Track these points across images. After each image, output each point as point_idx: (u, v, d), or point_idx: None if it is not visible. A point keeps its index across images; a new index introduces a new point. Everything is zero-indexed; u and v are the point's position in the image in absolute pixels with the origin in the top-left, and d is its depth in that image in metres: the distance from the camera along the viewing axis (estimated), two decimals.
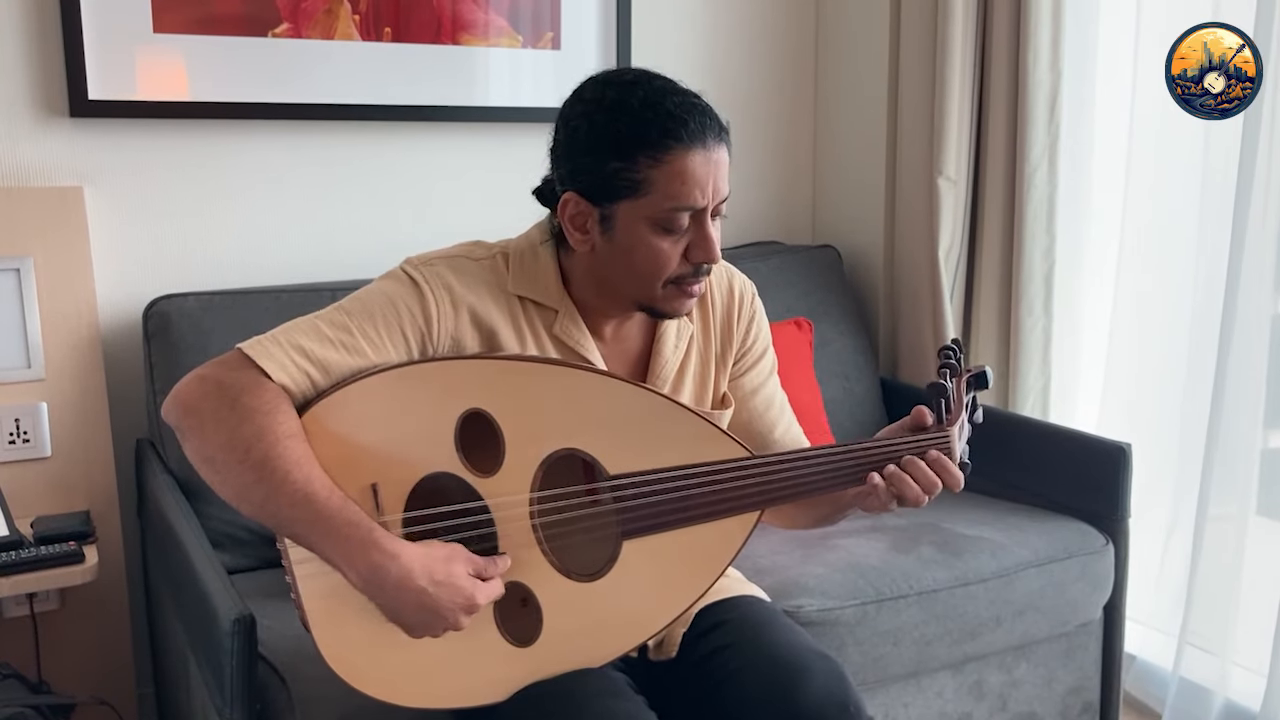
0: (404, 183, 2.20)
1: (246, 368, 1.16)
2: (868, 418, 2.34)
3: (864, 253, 2.52)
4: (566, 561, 1.24)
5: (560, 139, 1.25)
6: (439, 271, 1.26)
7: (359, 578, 1.12)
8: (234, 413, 1.13)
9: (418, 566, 1.12)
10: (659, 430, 1.24)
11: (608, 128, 1.19)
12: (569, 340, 1.30)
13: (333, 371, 1.18)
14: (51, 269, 1.87)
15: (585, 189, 1.22)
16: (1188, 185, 2.02)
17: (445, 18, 2.15)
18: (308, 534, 1.12)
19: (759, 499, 1.26)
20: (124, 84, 1.93)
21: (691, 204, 1.20)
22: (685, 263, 1.23)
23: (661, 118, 1.18)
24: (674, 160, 1.18)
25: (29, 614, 1.85)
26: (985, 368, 1.33)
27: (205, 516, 1.80)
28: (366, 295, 1.25)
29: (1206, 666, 1.98)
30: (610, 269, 1.25)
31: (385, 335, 1.21)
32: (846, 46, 2.52)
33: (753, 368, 1.44)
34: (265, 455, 1.11)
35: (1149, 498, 2.07)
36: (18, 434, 1.87)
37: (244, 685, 1.30)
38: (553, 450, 1.22)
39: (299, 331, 1.20)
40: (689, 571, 1.27)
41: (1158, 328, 2.13)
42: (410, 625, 1.14)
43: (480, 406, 1.20)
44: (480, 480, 1.21)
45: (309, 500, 1.11)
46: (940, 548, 1.86)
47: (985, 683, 1.91)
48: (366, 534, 1.11)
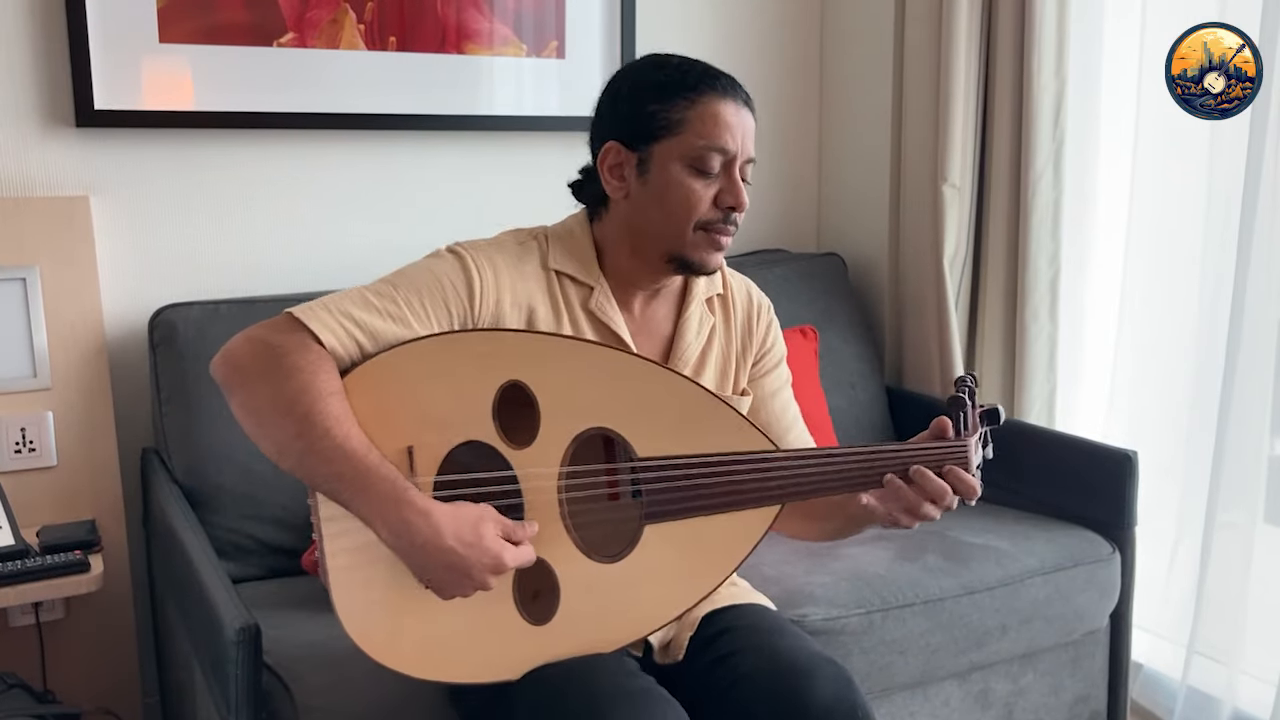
0: (409, 191, 2.20)
1: (295, 330, 1.20)
2: (873, 425, 2.33)
3: (869, 260, 2.52)
4: (589, 540, 1.26)
5: (604, 100, 1.36)
6: (484, 251, 1.32)
7: (390, 533, 1.14)
8: (280, 370, 1.17)
9: (448, 526, 1.14)
10: (690, 417, 1.27)
11: (649, 78, 1.32)
12: (602, 315, 1.35)
13: (379, 339, 1.22)
14: (57, 278, 1.87)
15: (625, 135, 1.31)
16: (1194, 191, 2.01)
17: (450, 27, 2.16)
18: (343, 489, 1.15)
19: (781, 493, 1.28)
20: (130, 94, 1.93)
21: (722, 145, 1.29)
22: (715, 209, 1.31)
23: (699, 70, 1.32)
24: (708, 103, 1.29)
25: (34, 623, 1.85)
26: (998, 406, 1.34)
27: (210, 526, 1.80)
28: (411, 270, 1.30)
29: (1215, 675, 1.97)
30: (645, 214, 1.32)
31: (429, 308, 1.25)
32: (851, 54, 2.52)
33: (770, 372, 1.50)
34: (307, 411, 1.15)
35: (1156, 506, 2.06)
36: (23, 443, 1.87)
37: (249, 694, 1.30)
38: (586, 428, 1.25)
39: (347, 300, 1.24)
40: (706, 562, 1.29)
41: (1164, 334, 2.12)
42: (438, 584, 1.17)
43: (520, 379, 1.24)
44: (513, 452, 1.24)
45: (346, 456, 1.15)
46: (946, 556, 1.85)
47: (991, 692, 1.90)
48: (400, 491, 1.15)
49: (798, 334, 2.24)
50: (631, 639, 1.29)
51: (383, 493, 1.14)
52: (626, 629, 1.28)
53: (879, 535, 1.93)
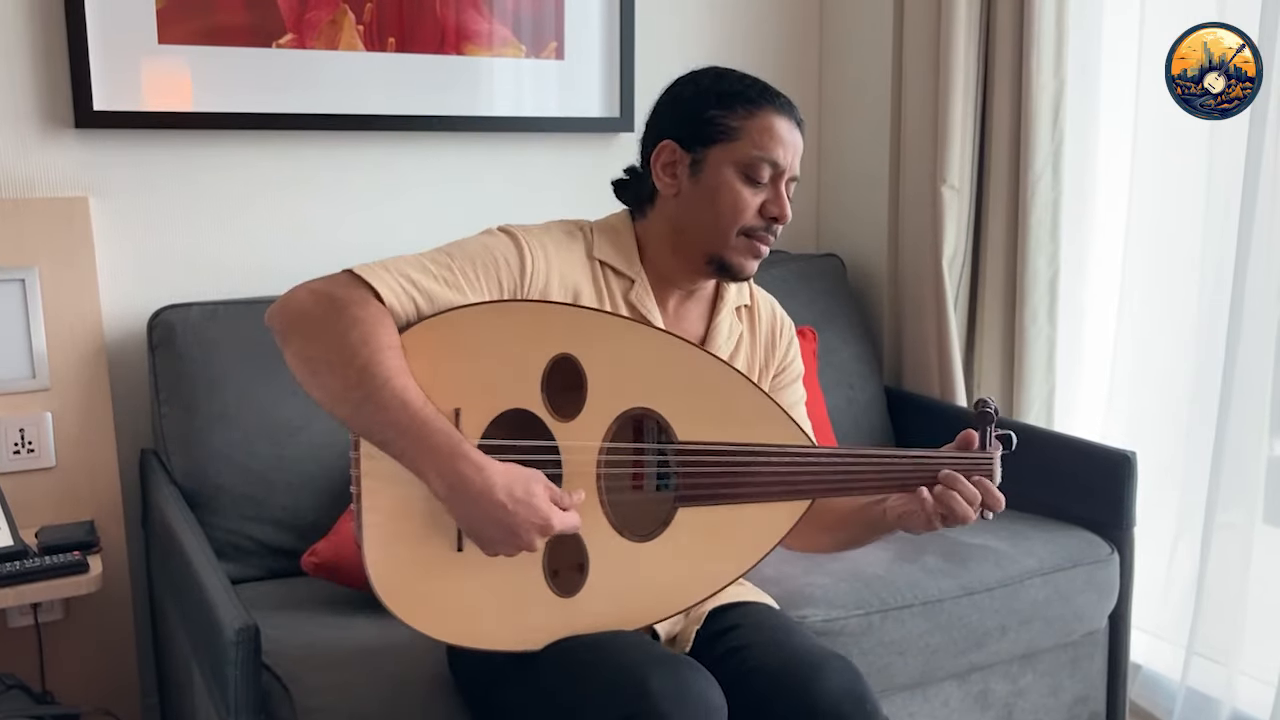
0: (407, 192, 2.20)
1: (357, 285, 1.23)
2: (872, 426, 2.33)
3: (868, 261, 2.52)
4: (622, 518, 1.28)
5: (664, 101, 1.41)
6: (534, 233, 1.36)
7: (444, 485, 1.16)
8: (342, 320, 1.19)
9: (500, 481, 1.16)
10: (732, 405, 1.30)
11: (713, 85, 1.37)
12: (641, 308, 1.39)
13: (436, 302, 1.25)
14: (56, 279, 1.87)
15: (682, 135, 1.36)
16: (1193, 192, 2.02)
17: (449, 28, 2.16)
18: (399, 438, 1.18)
19: (813, 487, 1.32)
20: (129, 95, 1.94)
21: (774, 157, 1.34)
22: (759, 217, 1.37)
23: (760, 86, 1.37)
24: (765, 116, 1.35)
25: (33, 624, 1.85)
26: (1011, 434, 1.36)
27: (209, 526, 1.80)
28: (466, 242, 1.33)
29: (1214, 676, 1.97)
30: (692, 213, 1.36)
31: (483, 279, 1.29)
32: (850, 55, 2.53)
33: (787, 388, 1.54)
34: (368, 360, 1.17)
35: (1154, 506, 2.06)
36: (23, 444, 1.87)
37: (248, 695, 1.31)
38: (630, 407, 1.28)
39: (405, 263, 1.27)
40: (733, 550, 1.32)
41: (1163, 335, 2.12)
42: (486, 539, 1.19)
43: (572, 352, 1.26)
44: (557, 423, 1.26)
45: (405, 405, 1.17)
46: (945, 557, 1.85)
47: (991, 692, 1.90)
48: (457, 444, 1.17)
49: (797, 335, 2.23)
50: (653, 619, 1.32)
51: (439, 444, 1.17)
52: (649, 609, 1.30)
53: None
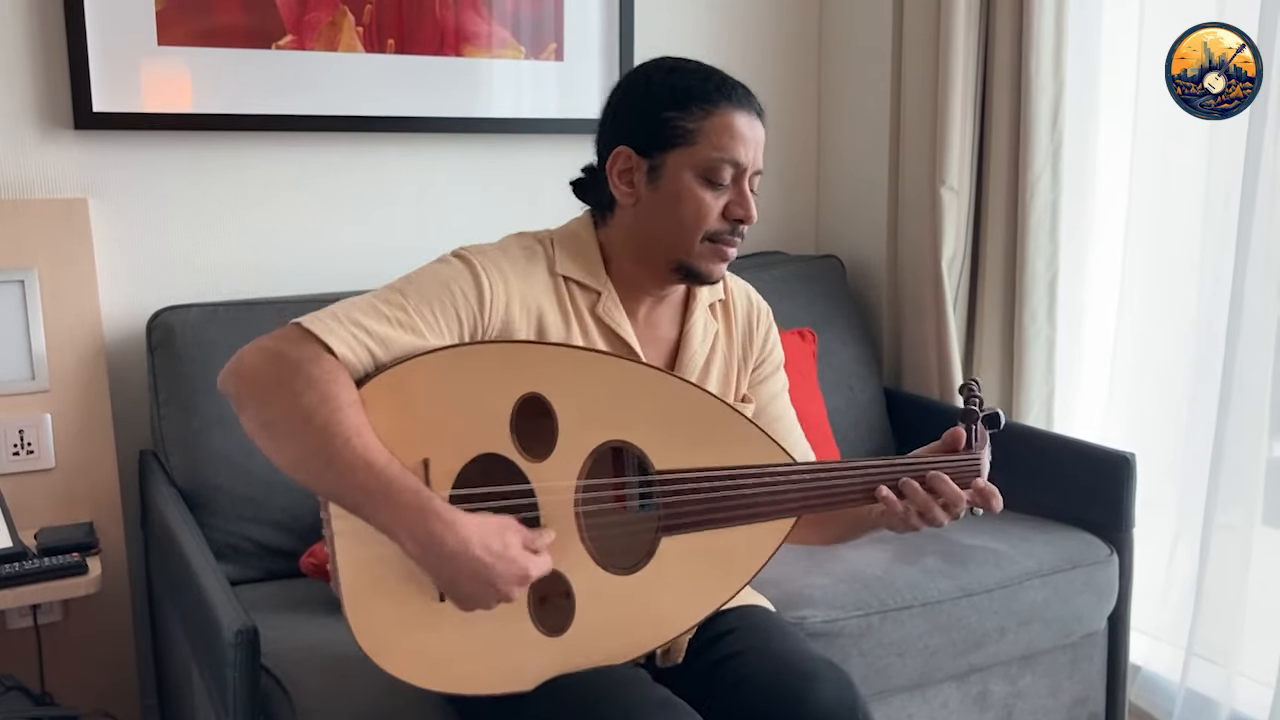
0: (407, 194, 2.20)
1: (307, 341, 1.17)
2: (871, 427, 2.33)
3: (867, 262, 2.52)
4: (604, 553, 1.26)
5: (614, 101, 1.35)
6: (491, 257, 1.30)
7: (416, 545, 1.12)
8: (296, 380, 1.14)
9: (475, 536, 1.13)
10: (706, 429, 1.27)
11: (666, 83, 1.30)
12: (609, 321, 1.34)
13: (391, 348, 1.20)
14: (56, 281, 1.87)
15: (637, 141, 1.30)
16: (1192, 193, 2.02)
17: (448, 29, 2.16)
18: (366, 501, 1.13)
19: (797, 505, 1.29)
20: (128, 96, 1.94)
21: (736, 158, 1.29)
22: (723, 220, 1.31)
23: (715, 80, 1.31)
24: (724, 115, 1.28)
25: (32, 625, 1.85)
26: (998, 410, 1.35)
27: (208, 528, 1.80)
28: (419, 277, 1.27)
29: (1213, 678, 1.97)
30: (653, 222, 1.31)
31: (440, 316, 1.23)
32: (849, 56, 2.53)
33: (768, 379, 1.49)
34: (326, 422, 1.12)
35: (1154, 508, 2.06)
36: (22, 445, 1.87)
37: (247, 697, 1.30)
38: (604, 440, 1.25)
39: (355, 308, 1.22)
40: (721, 574, 1.29)
41: (1162, 336, 2.12)
42: (464, 596, 1.15)
43: (539, 391, 1.22)
44: (530, 465, 1.22)
45: (369, 466, 1.12)
46: (944, 558, 1.85)
47: (990, 694, 1.90)
48: (425, 502, 1.13)
49: (796, 336, 2.23)
50: (646, 650, 1.29)
51: (407, 504, 1.12)
52: (641, 640, 1.28)
53: (878, 537, 1.92)
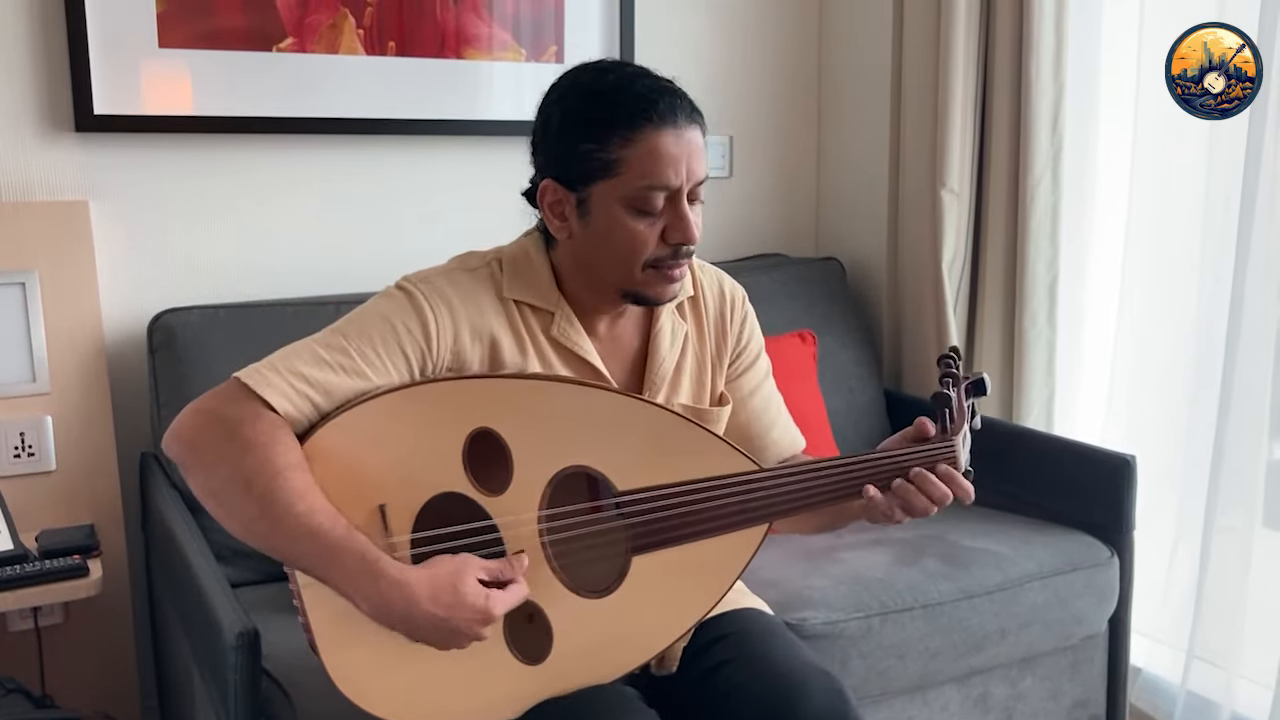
0: (408, 196, 2.20)
1: (245, 398, 1.14)
2: (871, 429, 2.33)
3: (867, 265, 2.52)
4: (576, 578, 1.24)
5: (537, 128, 1.28)
6: (436, 286, 1.25)
7: (369, 607, 1.11)
8: (234, 445, 1.11)
9: (424, 591, 1.10)
10: (666, 445, 1.25)
11: (580, 111, 1.22)
12: (566, 342, 1.30)
13: (334, 394, 1.17)
14: (56, 283, 1.87)
15: (561, 174, 1.24)
16: (1192, 196, 2.02)
17: (449, 32, 2.16)
18: (314, 566, 1.12)
19: (767, 512, 1.26)
20: (129, 98, 1.94)
21: (665, 183, 1.21)
22: (663, 245, 1.24)
23: (631, 99, 1.20)
24: (645, 139, 1.19)
25: (33, 628, 1.85)
26: (983, 374, 1.32)
27: (209, 530, 1.79)
28: (361, 316, 1.23)
29: (1213, 680, 1.97)
30: (590, 255, 1.26)
31: (384, 355, 1.20)
32: (849, 59, 2.53)
33: (749, 369, 1.45)
34: (267, 488, 1.10)
35: (1154, 510, 2.06)
36: (22, 447, 1.87)
37: (248, 699, 1.30)
38: (561, 468, 1.22)
39: (296, 357, 1.18)
40: (698, 585, 1.27)
41: (1162, 339, 2.12)
42: (431, 643, 1.14)
43: (488, 425, 1.20)
44: (488, 499, 1.20)
45: (313, 533, 1.10)
46: (945, 560, 1.85)
47: (990, 696, 1.90)
48: (371, 564, 1.10)
49: (796, 338, 2.24)
50: (629, 668, 1.27)
51: (353, 568, 1.10)
52: (623, 660, 1.26)
53: (877, 539, 1.93)
